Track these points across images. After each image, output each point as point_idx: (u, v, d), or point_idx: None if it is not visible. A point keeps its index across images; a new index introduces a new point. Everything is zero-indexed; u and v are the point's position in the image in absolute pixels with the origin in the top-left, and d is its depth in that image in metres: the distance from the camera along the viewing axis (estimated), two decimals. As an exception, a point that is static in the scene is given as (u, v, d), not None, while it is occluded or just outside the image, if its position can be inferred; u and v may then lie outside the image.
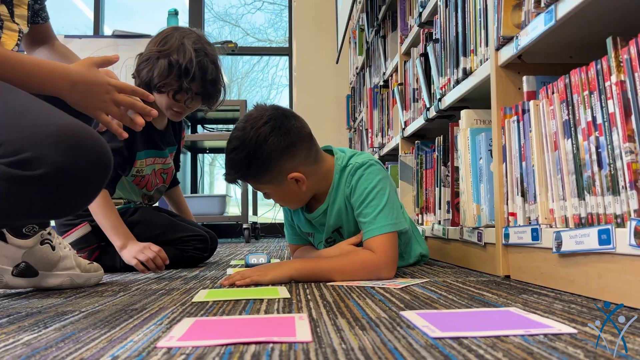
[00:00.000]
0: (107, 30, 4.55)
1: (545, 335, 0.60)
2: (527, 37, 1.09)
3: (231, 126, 3.92)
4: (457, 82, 1.51)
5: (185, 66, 1.49)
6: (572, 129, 0.94)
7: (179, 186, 1.97)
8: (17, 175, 0.71)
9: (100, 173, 0.81)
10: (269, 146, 1.17)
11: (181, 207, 1.94)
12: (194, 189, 4.31)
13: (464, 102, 1.52)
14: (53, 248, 1.15)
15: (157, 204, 1.86)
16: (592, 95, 0.87)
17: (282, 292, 0.99)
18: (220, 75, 1.59)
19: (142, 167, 1.66)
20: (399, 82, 2.33)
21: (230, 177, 1.24)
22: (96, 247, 1.58)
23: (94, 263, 1.25)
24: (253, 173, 1.21)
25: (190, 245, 1.65)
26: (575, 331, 0.61)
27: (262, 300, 0.91)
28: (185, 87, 1.51)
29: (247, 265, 1.29)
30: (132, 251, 1.46)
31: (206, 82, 1.54)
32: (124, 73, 3.18)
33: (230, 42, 3.68)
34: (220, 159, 6.85)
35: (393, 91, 2.45)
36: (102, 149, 0.81)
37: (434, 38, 1.77)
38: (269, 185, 1.25)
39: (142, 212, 1.65)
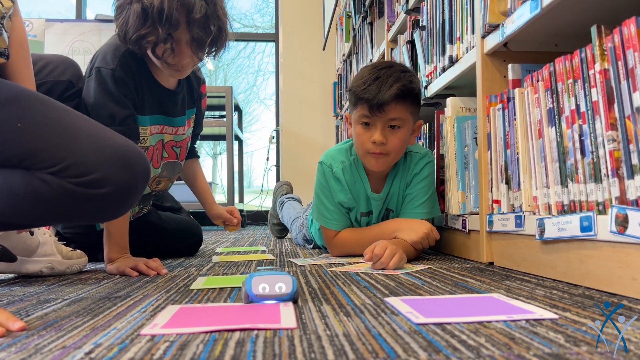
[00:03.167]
0: (90, 14, 4.47)
1: (527, 320, 0.61)
2: (513, 24, 1.09)
3: (217, 113, 3.89)
4: (444, 69, 1.51)
5: (157, 9, 1.12)
6: (556, 117, 0.94)
7: (197, 160, 1.65)
8: (85, 193, 0.81)
9: (145, 184, 0.91)
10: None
11: (196, 185, 1.64)
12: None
13: (450, 89, 1.53)
14: (32, 233, 1.13)
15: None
16: (576, 84, 0.88)
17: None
18: (215, 9, 1.19)
19: (144, 135, 1.33)
20: (385, 69, 2.32)
21: (399, 90, 1.25)
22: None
23: (77, 250, 1.23)
24: (416, 98, 1.32)
25: (184, 251, 1.61)
26: (556, 316, 0.62)
27: (247, 287, 0.91)
28: (163, 37, 1.14)
29: (251, 299, 0.74)
30: (120, 266, 1.16)
31: (192, 24, 1.15)
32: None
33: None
34: (207, 145, 6.81)
35: (379, 78, 2.44)
36: (146, 163, 0.91)
37: (420, 25, 1.76)
38: (412, 118, 1.32)
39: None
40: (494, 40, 1.18)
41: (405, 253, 1.20)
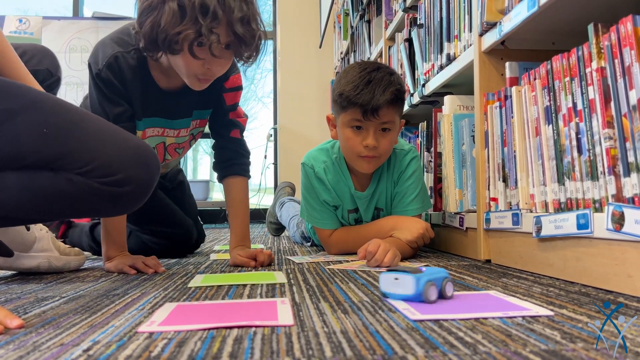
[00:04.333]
0: (87, 11, 4.45)
1: (524, 317, 0.61)
2: (510, 23, 1.09)
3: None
4: (441, 67, 1.51)
5: (199, 2, 1.05)
6: (553, 115, 0.95)
7: (240, 178, 1.36)
8: (110, 191, 0.86)
9: (157, 180, 0.95)
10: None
11: (231, 213, 1.36)
12: (177, 174, 4.27)
13: (448, 87, 1.53)
14: (28, 228, 1.13)
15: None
16: (573, 82, 0.88)
17: (279, 277, 0.99)
18: (254, 11, 1.12)
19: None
20: (383, 67, 2.32)
21: (393, 95, 1.27)
22: (62, 221, 1.47)
23: (75, 248, 1.23)
24: (404, 101, 1.34)
25: (157, 243, 1.48)
26: (552, 313, 0.62)
27: (245, 285, 0.91)
28: (206, 32, 1.05)
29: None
30: (118, 264, 1.16)
31: (234, 23, 1.07)
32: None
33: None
34: (204, 143, 6.80)
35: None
36: (159, 161, 0.95)
37: (418, 23, 1.76)
38: (398, 118, 1.34)
39: None
40: (491, 38, 1.19)
41: (401, 252, 1.21)
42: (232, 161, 1.35)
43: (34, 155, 0.83)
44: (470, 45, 1.30)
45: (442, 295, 0.72)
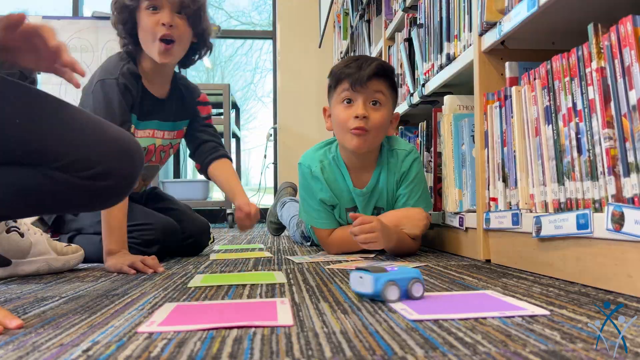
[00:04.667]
0: (87, 11, 4.45)
1: (523, 317, 0.61)
2: (510, 22, 1.09)
3: (214, 111, 3.89)
4: (441, 67, 1.51)
5: None
6: (553, 115, 0.94)
7: (225, 160, 1.55)
8: (90, 186, 0.83)
9: (140, 172, 0.94)
10: None
11: (226, 185, 1.53)
12: (177, 174, 4.28)
13: (448, 87, 1.53)
14: (22, 235, 1.13)
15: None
16: (572, 82, 0.88)
17: (279, 277, 0.99)
18: None
19: None
20: (383, 67, 2.32)
21: (379, 66, 1.33)
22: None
23: (72, 245, 1.23)
24: (394, 83, 1.40)
25: (135, 238, 1.34)
26: (548, 312, 0.62)
27: (244, 285, 0.91)
28: None
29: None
30: (117, 263, 1.16)
31: None
32: (104, 56, 3.12)
33: (214, 24, 3.62)
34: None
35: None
36: (142, 152, 0.93)
37: (418, 23, 1.76)
38: (391, 100, 1.38)
39: None
40: (491, 38, 1.18)
41: (402, 244, 1.30)
42: (216, 148, 1.55)
43: (8, 147, 0.79)
44: (470, 45, 1.30)
45: (408, 296, 0.72)
